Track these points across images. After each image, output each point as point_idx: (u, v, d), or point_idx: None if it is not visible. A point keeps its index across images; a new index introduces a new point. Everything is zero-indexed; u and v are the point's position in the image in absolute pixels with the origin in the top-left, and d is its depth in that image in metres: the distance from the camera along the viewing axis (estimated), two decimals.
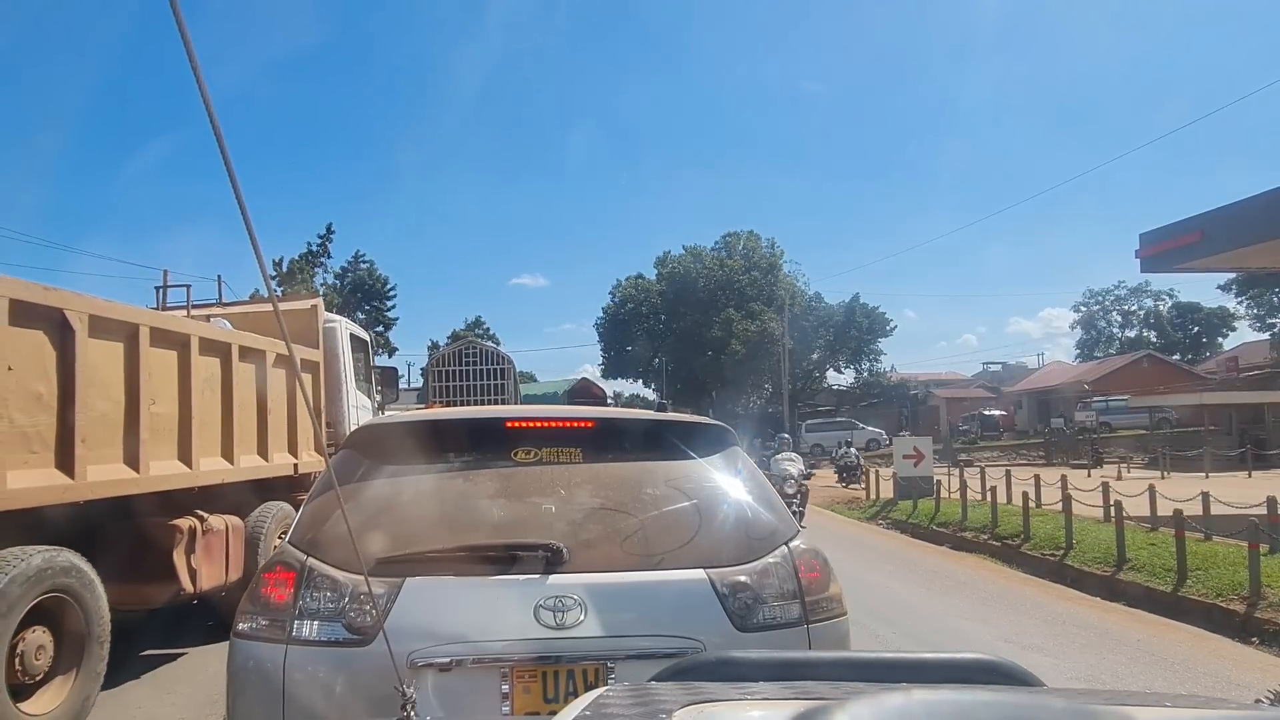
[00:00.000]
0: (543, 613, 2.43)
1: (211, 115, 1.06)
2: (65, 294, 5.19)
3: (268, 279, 1.54)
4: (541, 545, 2.54)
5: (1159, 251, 15.13)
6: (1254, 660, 6.83)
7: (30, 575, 4.79)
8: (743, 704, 1.14)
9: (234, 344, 7.22)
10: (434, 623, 2.41)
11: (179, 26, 0.99)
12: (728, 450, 3.05)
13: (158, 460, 6.05)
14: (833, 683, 1.27)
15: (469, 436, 3.03)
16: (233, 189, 1.12)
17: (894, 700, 0.75)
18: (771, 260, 54.27)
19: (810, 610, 2.65)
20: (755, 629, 2.57)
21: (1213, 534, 9.74)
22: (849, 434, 41.81)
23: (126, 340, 5.74)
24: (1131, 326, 66.29)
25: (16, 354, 4.74)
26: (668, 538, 2.70)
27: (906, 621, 8.19)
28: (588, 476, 2.85)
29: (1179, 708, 1.06)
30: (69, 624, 5.19)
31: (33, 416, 4.86)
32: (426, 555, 2.55)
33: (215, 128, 1.06)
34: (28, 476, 4.80)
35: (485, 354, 21.24)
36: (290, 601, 2.48)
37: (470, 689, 2.41)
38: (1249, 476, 21.89)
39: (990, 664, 1.38)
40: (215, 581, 6.77)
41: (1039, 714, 0.74)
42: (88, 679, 5.29)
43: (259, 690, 2.48)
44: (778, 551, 2.70)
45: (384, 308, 54.15)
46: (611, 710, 1.09)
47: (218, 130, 1.07)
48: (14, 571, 4.68)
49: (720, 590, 2.56)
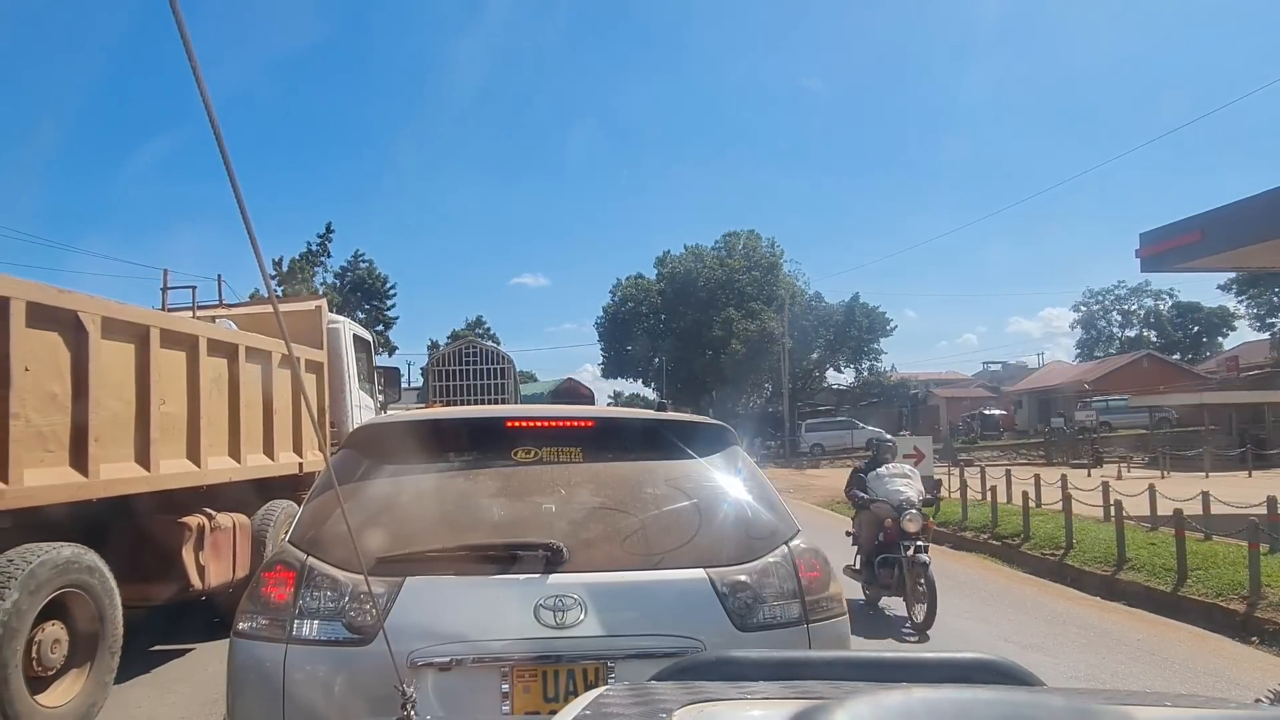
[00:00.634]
0: (543, 612, 2.43)
1: (211, 114, 1.05)
2: (79, 296, 5.28)
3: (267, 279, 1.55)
4: (541, 545, 2.54)
5: (1159, 251, 15.14)
6: (1254, 660, 6.85)
7: (59, 564, 4.97)
8: (742, 703, 1.15)
9: (240, 345, 7.29)
10: (434, 622, 2.41)
11: (179, 26, 0.99)
12: (728, 450, 3.05)
13: (167, 459, 6.14)
14: (832, 682, 1.28)
15: (469, 436, 3.03)
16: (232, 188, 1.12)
17: (894, 699, 0.75)
18: (772, 260, 54.20)
19: (810, 610, 2.65)
20: (755, 628, 2.57)
21: (1213, 534, 9.75)
22: (849, 434, 41.85)
23: (137, 341, 5.84)
24: (1131, 326, 66.30)
25: (33, 355, 4.82)
26: (668, 537, 2.70)
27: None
28: (588, 476, 2.85)
29: (1179, 707, 1.07)
30: (84, 619, 5.28)
31: (48, 416, 4.95)
32: (426, 554, 2.55)
33: (215, 127, 1.06)
34: (43, 474, 4.89)
35: (485, 353, 21.43)
36: (290, 601, 2.48)
37: (470, 688, 2.41)
38: (1249, 476, 21.88)
39: (990, 663, 1.38)
40: (223, 579, 6.86)
41: (1039, 713, 0.74)
42: (100, 674, 5.38)
43: (259, 689, 2.48)
44: (778, 551, 2.70)
45: (384, 307, 54.13)
46: (611, 710, 1.09)
47: (217, 130, 1.07)
48: (44, 557, 4.86)
49: (720, 590, 2.56)
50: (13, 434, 4.64)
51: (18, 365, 4.68)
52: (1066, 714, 0.75)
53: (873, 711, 0.73)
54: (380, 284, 54.24)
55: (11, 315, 4.64)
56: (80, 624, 5.26)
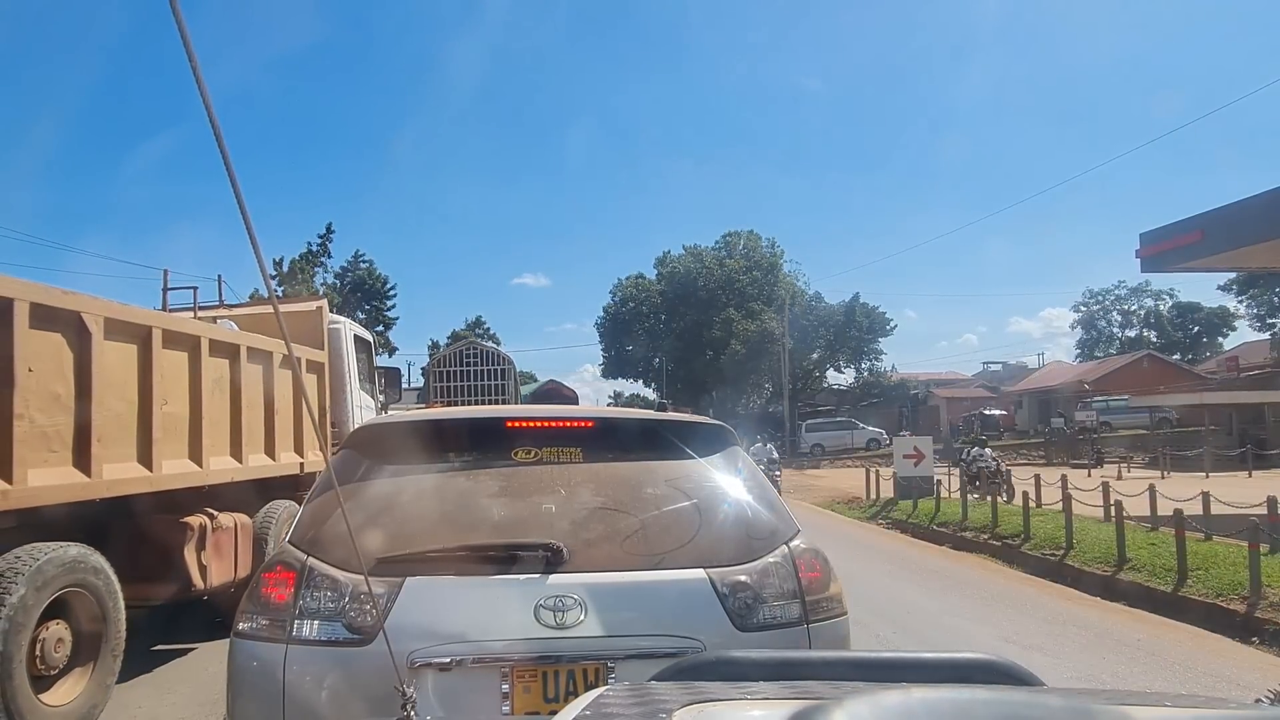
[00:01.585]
0: (543, 612, 2.43)
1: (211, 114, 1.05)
2: (83, 297, 5.31)
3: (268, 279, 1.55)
4: (541, 545, 2.53)
5: (1159, 251, 15.13)
6: (1255, 660, 6.85)
7: (66, 562, 5.03)
8: (742, 704, 1.15)
9: (242, 345, 7.30)
10: (434, 622, 2.41)
11: (178, 26, 0.99)
12: (728, 450, 3.06)
13: (170, 459, 6.17)
14: (832, 682, 1.28)
15: (469, 436, 3.04)
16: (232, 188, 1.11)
17: (893, 699, 0.75)
18: (771, 260, 54.21)
19: (810, 610, 2.65)
20: (755, 628, 2.57)
21: (1213, 534, 9.75)
22: (849, 434, 41.79)
23: (140, 342, 5.86)
24: (1131, 326, 66.31)
25: (37, 356, 4.85)
26: (668, 537, 2.70)
27: (908, 621, 8.23)
28: (587, 476, 2.85)
29: (1178, 707, 1.07)
30: (87, 619, 5.32)
31: (52, 416, 4.98)
32: (426, 555, 2.55)
33: (214, 126, 1.06)
34: (48, 475, 4.93)
35: (486, 354, 22.01)
36: (290, 601, 2.48)
37: (470, 688, 2.42)
38: (1249, 476, 21.90)
39: (989, 663, 1.39)
40: (225, 578, 6.88)
41: (1038, 713, 0.74)
42: (103, 674, 5.41)
43: (259, 689, 2.48)
44: (778, 551, 2.70)
45: (384, 307, 54.15)
46: (611, 710, 1.09)
47: (217, 129, 1.06)
48: (51, 554, 4.91)
49: (720, 590, 2.56)
50: (17, 434, 4.67)
51: (21, 366, 4.71)
52: (1065, 714, 0.74)
53: (872, 711, 0.73)
54: (380, 284, 54.26)
55: (15, 316, 4.66)
56: (84, 624, 5.29)
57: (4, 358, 4.63)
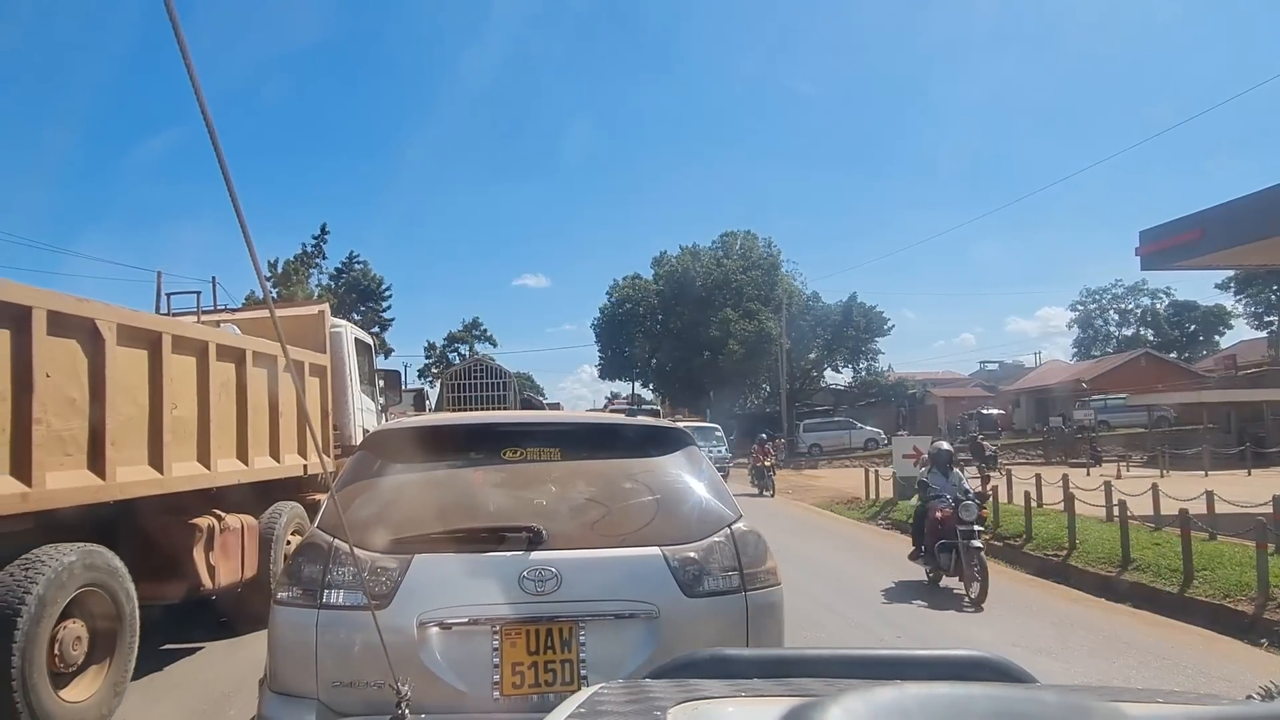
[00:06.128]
0: (526, 582, 2.89)
1: (206, 115, 1.06)
2: (96, 304, 5.42)
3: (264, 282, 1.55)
4: (525, 528, 3.00)
5: (1159, 249, 15.14)
6: (1266, 662, 6.74)
7: (84, 562, 5.18)
8: (736, 700, 1.16)
9: (248, 349, 7.38)
10: (438, 591, 2.88)
11: (174, 27, 0.99)
12: (685, 449, 3.52)
13: (179, 462, 6.28)
14: (826, 679, 1.29)
15: (466, 438, 3.50)
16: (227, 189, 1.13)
17: (887, 695, 0.75)
18: (769, 260, 54.12)
19: (748, 580, 3.10)
20: (701, 595, 3.02)
21: (1217, 533, 9.74)
22: (847, 434, 41.85)
23: (150, 348, 5.98)
24: (1129, 325, 66.48)
25: (53, 362, 4.98)
26: (629, 521, 3.18)
27: (909, 623, 8.21)
28: (565, 471, 3.33)
29: (1171, 703, 1.07)
30: (103, 618, 5.44)
31: (67, 421, 5.11)
32: (431, 536, 3.00)
33: (210, 127, 1.07)
34: (63, 477, 5.06)
35: (491, 369, 28.87)
36: (320, 575, 2.93)
37: (467, 643, 2.87)
38: (1249, 474, 21.99)
39: (983, 660, 1.40)
40: (232, 578, 7.00)
41: (1032, 709, 0.73)
42: (119, 672, 5.54)
43: (296, 647, 2.92)
44: (722, 532, 3.17)
45: (379, 309, 54.11)
46: (606, 707, 1.11)
47: (212, 130, 1.07)
48: (70, 555, 5.08)
49: (672, 564, 3.02)
50: (35, 438, 4.79)
51: (39, 372, 4.83)
52: (1059, 710, 0.74)
53: (866, 708, 0.74)
54: (376, 285, 54.22)
55: (34, 324, 4.79)
56: (100, 622, 5.42)
57: (23, 364, 4.75)
